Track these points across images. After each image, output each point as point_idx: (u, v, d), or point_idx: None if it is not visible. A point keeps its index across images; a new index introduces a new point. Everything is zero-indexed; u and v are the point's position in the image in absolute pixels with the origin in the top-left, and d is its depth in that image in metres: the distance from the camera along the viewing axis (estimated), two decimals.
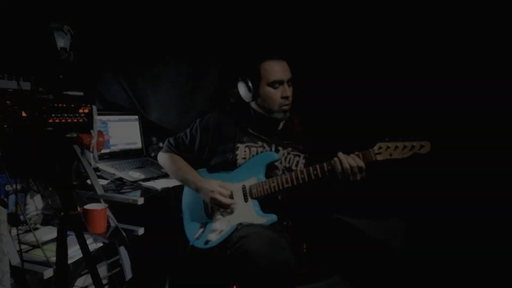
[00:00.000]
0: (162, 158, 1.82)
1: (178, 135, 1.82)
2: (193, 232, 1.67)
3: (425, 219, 1.79)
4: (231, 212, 1.61)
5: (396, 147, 1.42)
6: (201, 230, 1.64)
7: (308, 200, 1.65)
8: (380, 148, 1.44)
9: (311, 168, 1.51)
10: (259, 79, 1.65)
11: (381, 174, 1.50)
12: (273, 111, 1.66)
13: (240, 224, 1.56)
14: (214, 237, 1.61)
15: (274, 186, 1.56)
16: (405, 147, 1.41)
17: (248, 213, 1.58)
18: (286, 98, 1.64)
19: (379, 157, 1.44)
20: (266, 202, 1.59)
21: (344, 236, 1.74)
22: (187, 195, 1.78)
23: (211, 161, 1.73)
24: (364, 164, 1.44)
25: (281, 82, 1.63)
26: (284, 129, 1.72)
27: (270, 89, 1.63)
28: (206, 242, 1.61)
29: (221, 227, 1.61)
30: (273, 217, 1.54)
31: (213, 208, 1.66)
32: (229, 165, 1.67)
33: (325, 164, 1.49)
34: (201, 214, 1.69)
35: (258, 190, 1.59)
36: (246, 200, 1.60)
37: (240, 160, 1.67)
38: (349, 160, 1.44)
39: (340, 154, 1.46)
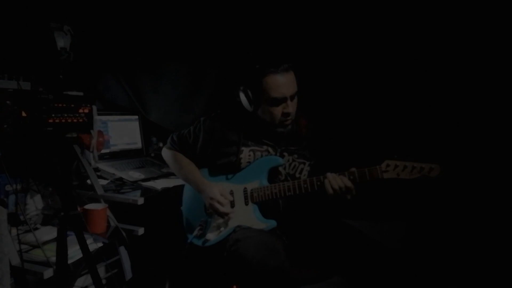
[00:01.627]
0: (166, 154, 1.81)
1: (182, 132, 1.78)
2: (192, 230, 1.66)
3: (425, 220, 1.79)
4: (228, 220, 1.60)
5: (405, 167, 1.38)
6: (200, 228, 1.62)
7: (309, 207, 1.64)
8: (388, 166, 1.40)
9: (314, 179, 1.49)
10: (261, 91, 1.55)
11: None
12: (274, 125, 1.60)
13: (239, 226, 1.55)
14: (212, 237, 1.60)
15: (275, 193, 1.54)
16: (413, 168, 1.37)
17: (248, 216, 1.57)
18: (288, 114, 1.56)
19: (385, 175, 1.40)
20: (266, 207, 1.58)
21: (344, 237, 1.74)
22: (188, 192, 1.77)
23: (214, 162, 1.70)
24: (352, 185, 1.42)
25: (283, 100, 1.54)
26: (290, 134, 1.66)
27: (270, 105, 1.55)
28: (205, 241, 1.61)
29: (220, 227, 1.61)
30: (272, 223, 1.54)
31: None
32: (232, 167, 1.65)
33: (314, 179, 1.48)
34: (201, 212, 1.68)
35: (259, 194, 1.57)
36: (246, 203, 1.59)
37: (244, 164, 1.64)
38: (338, 181, 1.43)
39: (329, 175, 1.45)
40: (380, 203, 1.83)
